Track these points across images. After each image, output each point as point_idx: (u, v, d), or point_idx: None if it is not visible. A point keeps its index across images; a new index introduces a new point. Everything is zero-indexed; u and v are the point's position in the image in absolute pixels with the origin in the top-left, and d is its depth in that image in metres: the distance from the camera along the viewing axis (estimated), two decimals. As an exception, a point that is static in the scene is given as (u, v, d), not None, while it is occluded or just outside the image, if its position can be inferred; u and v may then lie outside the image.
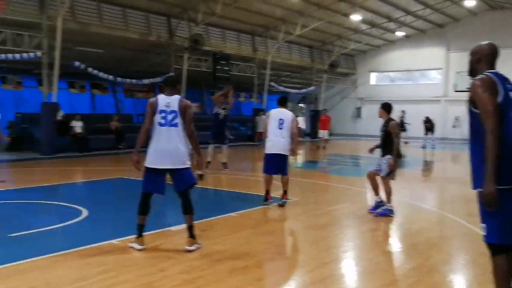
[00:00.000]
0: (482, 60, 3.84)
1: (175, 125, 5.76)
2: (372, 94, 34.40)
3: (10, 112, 20.39)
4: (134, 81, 21.53)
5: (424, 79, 34.16)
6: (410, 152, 20.86)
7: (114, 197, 10.25)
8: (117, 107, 25.64)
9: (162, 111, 5.74)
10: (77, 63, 18.26)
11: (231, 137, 15.85)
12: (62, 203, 8.59)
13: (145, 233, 6.52)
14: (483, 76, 3.60)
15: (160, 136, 5.75)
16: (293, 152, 8.75)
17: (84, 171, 14.55)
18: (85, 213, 7.69)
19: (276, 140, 8.43)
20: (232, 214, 7.88)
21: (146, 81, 21.90)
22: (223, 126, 13.52)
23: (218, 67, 23.17)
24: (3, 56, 15.94)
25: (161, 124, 5.74)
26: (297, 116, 33.20)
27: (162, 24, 21.44)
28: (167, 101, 5.77)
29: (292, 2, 22.36)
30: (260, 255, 5.75)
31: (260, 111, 25.66)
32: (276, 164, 8.51)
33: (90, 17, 18.58)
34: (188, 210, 6.01)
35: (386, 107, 8.24)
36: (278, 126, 8.44)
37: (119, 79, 20.82)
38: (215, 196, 10.41)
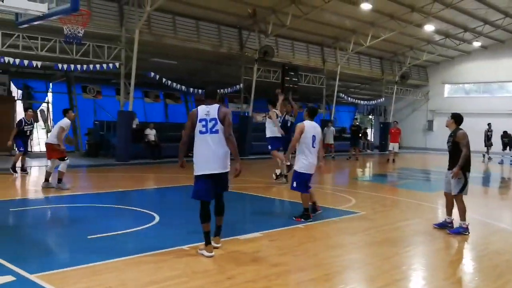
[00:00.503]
0: None
1: (216, 131, 6.01)
2: (445, 106, 33.11)
3: (89, 120, 21.56)
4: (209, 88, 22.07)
5: (502, 91, 32.48)
6: (485, 168, 19.90)
7: (184, 204, 10.49)
8: (189, 116, 26.37)
9: (202, 120, 6.05)
10: (152, 74, 19.02)
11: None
12: (135, 208, 8.94)
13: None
14: None
15: (203, 143, 6.06)
16: (320, 169, 8.52)
17: (157, 177, 15.06)
18: (157, 218, 7.95)
19: (313, 160, 8.15)
20: (299, 225, 7.85)
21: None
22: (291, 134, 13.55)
23: (287, 78, 23.28)
24: (84, 66, 16.94)
25: (201, 132, 6.05)
26: (365, 128, 32.78)
27: (233, 36, 21.89)
28: (207, 110, 6.08)
29: (363, 13, 22.09)
30: (328, 268, 5.69)
31: (328, 122, 25.46)
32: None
33: (165, 29, 19.33)
34: (221, 212, 6.45)
35: (457, 117, 7.87)
36: (312, 144, 8.13)
37: (191, 89, 21.45)
38: (282, 207, 10.43)
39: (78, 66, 16.98)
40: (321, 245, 6.77)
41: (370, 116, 37.01)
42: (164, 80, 19.59)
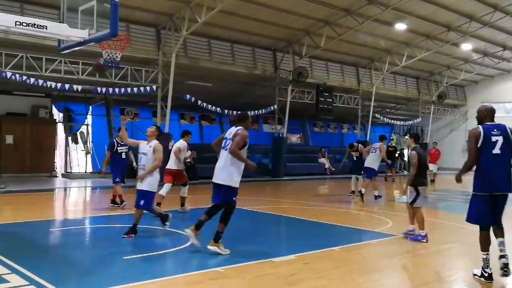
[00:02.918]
0: None
1: (226, 148, 7.07)
2: (485, 126, 32.29)
3: (127, 142, 21.96)
4: (239, 112, 22.25)
5: (544, 110, 31.49)
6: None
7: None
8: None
9: (225, 138, 7.21)
10: (188, 96, 19.33)
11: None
12: (170, 229, 8.99)
13: (249, 263, 6.63)
14: None
15: (219, 157, 7.24)
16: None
17: (192, 198, 15.14)
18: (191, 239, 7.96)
19: None
20: (335, 248, 7.73)
21: (250, 113, 22.53)
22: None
23: (321, 98, 23.27)
24: (123, 90, 17.38)
25: (222, 148, 7.22)
26: (402, 148, 32.18)
27: (267, 58, 22.08)
28: (230, 131, 7.23)
29: (398, 33, 21.95)
30: (365, 293, 5.57)
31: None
32: None
33: (200, 52, 19.70)
34: (223, 220, 7.23)
35: (414, 137, 8.91)
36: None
37: (225, 111, 21.66)
38: (316, 229, 10.29)
39: (117, 90, 17.44)
40: (358, 269, 6.64)
41: (407, 137, 36.39)
42: (199, 102, 19.87)
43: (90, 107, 22.18)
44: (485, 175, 5.95)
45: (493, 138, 5.88)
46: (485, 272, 6.02)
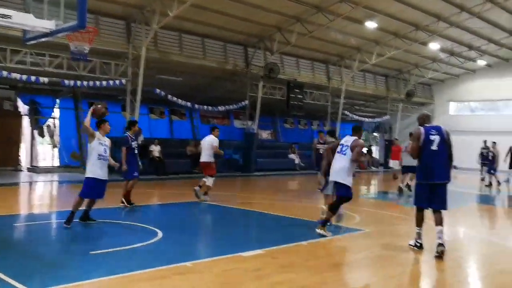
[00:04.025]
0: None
1: (345, 153, 8.15)
2: (450, 124, 32.82)
3: (95, 136, 21.59)
4: (210, 108, 22.21)
5: (507, 109, 32.41)
6: (479, 185, 19.76)
7: (188, 220, 10.50)
8: (194, 132, 26.44)
9: (341, 145, 8.31)
10: (157, 90, 19.15)
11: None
12: (138, 224, 8.92)
13: (217, 257, 6.64)
14: None
15: (336, 159, 8.32)
16: None
17: (161, 194, 15.06)
18: (160, 234, 7.93)
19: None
20: (303, 243, 7.81)
21: (221, 108, 22.53)
22: None
23: (292, 95, 23.38)
24: (91, 83, 17.08)
25: (338, 152, 8.33)
26: (370, 145, 32.73)
27: (238, 53, 22.06)
28: (346, 139, 8.33)
29: (368, 31, 22.23)
30: (332, 286, 5.64)
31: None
32: None
33: (171, 46, 19.52)
34: (332, 209, 8.22)
35: (329, 132, 10.30)
36: None
37: (196, 105, 21.56)
38: (285, 224, 10.37)
39: (85, 83, 17.13)
40: (325, 263, 6.72)
41: (375, 134, 36.97)
42: (169, 96, 19.72)
43: (58, 100, 21.71)
44: (425, 167, 7.18)
45: (431, 137, 7.14)
46: (418, 243, 7.46)
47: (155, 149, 19.59)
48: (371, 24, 20.92)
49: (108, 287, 5.22)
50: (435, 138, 7.15)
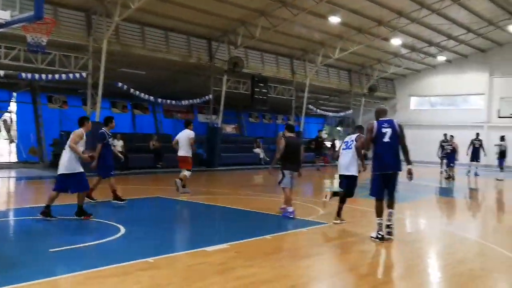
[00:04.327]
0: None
1: (351, 147, 8.89)
2: (411, 118, 33.78)
3: (55, 130, 21.09)
4: (173, 102, 21.96)
5: (466, 104, 33.39)
6: (439, 178, 20.31)
7: (151, 215, 10.37)
8: (157, 127, 26.13)
9: (346, 142, 9.09)
10: (119, 84, 18.79)
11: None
12: (100, 220, 8.75)
13: (180, 253, 6.58)
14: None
15: (342, 155, 9.10)
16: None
17: (123, 189, 14.77)
18: (122, 230, 7.80)
19: None
20: (267, 237, 7.82)
21: (185, 102, 22.30)
22: None
23: (256, 89, 23.38)
24: (50, 76, 16.60)
25: (344, 149, 9.08)
26: (334, 139, 33.20)
27: (202, 47, 21.86)
28: (351, 137, 9.12)
29: (331, 26, 22.42)
30: (295, 279, 5.66)
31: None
32: None
33: (133, 39, 19.17)
34: (343, 201, 9.10)
35: (288, 127, 10.21)
36: None
37: (159, 100, 21.28)
38: (250, 218, 10.37)
39: (43, 76, 16.62)
40: (288, 256, 6.75)
41: (339, 128, 37.43)
42: (132, 90, 19.39)
43: (14, 93, 21.03)
44: (379, 159, 7.68)
45: (384, 130, 7.62)
46: (379, 234, 7.61)
47: (118, 144, 19.23)
48: (334, 19, 21.09)
49: (68, 285, 5.08)
50: (387, 131, 7.61)
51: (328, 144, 31.16)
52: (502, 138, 21.94)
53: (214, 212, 10.91)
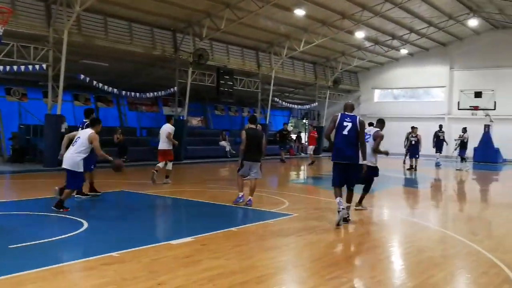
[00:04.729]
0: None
1: (368, 141, 9.37)
2: (375, 111, 34.34)
3: (14, 124, 20.49)
4: (138, 94, 21.64)
5: (427, 96, 34.19)
6: (402, 169, 20.80)
7: (115, 209, 10.24)
8: (121, 120, 25.72)
9: (366, 134, 9.10)
10: (82, 76, 18.38)
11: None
12: (62, 215, 8.57)
13: (145, 246, 6.53)
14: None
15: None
16: None
17: (86, 183, 14.51)
18: (85, 225, 7.67)
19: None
20: (233, 229, 7.84)
21: (150, 94, 22.01)
22: None
23: (222, 81, 23.28)
24: (8, 68, 16.07)
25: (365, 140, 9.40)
26: (299, 131, 33.46)
27: (167, 38, 21.59)
28: (369, 129, 9.72)
29: (296, 19, 22.51)
30: (261, 270, 5.70)
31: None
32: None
33: (95, 30, 18.75)
34: (367, 189, 9.99)
35: (250, 119, 10.55)
36: None
37: (123, 92, 20.92)
38: (215, 211, 10.37)
39: (1, 67, 16.07)
40: (254, 248, 6.79)
41: (304, 120, 37.72)
42: (95, 82, 18.99)
43: (-30, 86, 20.32)
44: (336, 149, 8.35)
45: (345, 124, 8.26)
46: (340, 209, 8.32)
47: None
48: (299, 12, 21.18)
49: (29, 282, 4.96)
50: (348, 125, 8.24)
51: (293, 136, 31.43)
52: (465, 130, 22.59)
53: (180, 206, 10.85)
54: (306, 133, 37.11)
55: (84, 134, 9.13)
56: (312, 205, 10.78)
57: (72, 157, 8.92)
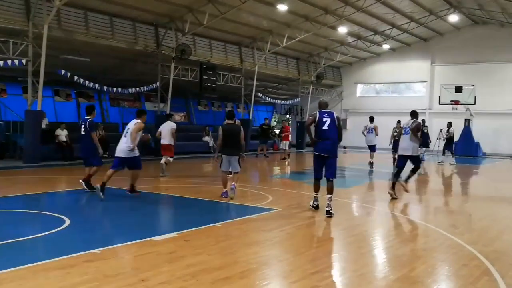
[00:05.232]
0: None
1: (408, 132, 11.00)
2: (357, 106, 34.67)
3: (-7, 120, 20.18)
4: (120, 90, 21.42)
5: (409, 91, 34.52)
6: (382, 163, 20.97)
7: (98, 206, 10.12)
8: (103, 116, 25.47)
9: (404, 128, 11.29)
10: (62, 71, 18.14)
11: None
12: (44, 212, 8.48)
13: (128, 243, 6.49)
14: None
15: (403, 139, 11.26)
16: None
17: (68, 180, 14.39)
18: (67, 222, 7.59)
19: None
20: (216, 224, 7.84)
21: (132, 90, 21.81)
22: None
23: (204, 77, 23.17)
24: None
25: (403, 133, 11.24)
26: (282, 127, 33.55)
27: (149, 33, 21.41)
28: (407, 122, 11.17)
29: (279, 14, 22.50)
30: (244, 265, 5.70)
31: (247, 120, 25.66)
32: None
33: (76, 25, 18.50)
34: (414, 172, 11.74)
35: (227, 114, 11.18)
36: None
37: (105, 87, 20.71)
38: (198, 206, 10.35)
39: (-21, 63, 15.79)
40: (238, 243, 6.79)
41: (287, 116, 37.78)
42: (76, 78, 18.75)
43: None
44: (318, 142, 9.01)
45: (324, 119, 8.95)
46: (314, 204, 9.29)
47: (62, 134, 18.65)
48: (282, 7, 21.17)
49: (7, 281, 4.89)
50: (327, 120, 8.94)
51: (277, 131, 31.46)
52: (450, 125, 22.87)
53: (163, 202, 10.80)
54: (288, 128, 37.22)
55: (132, 125, 10.49)
56: (295, 200, 10.81)
57: (127, 146, 10.34)
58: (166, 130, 14.39)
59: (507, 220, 9.51)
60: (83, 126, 11.12)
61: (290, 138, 24.70)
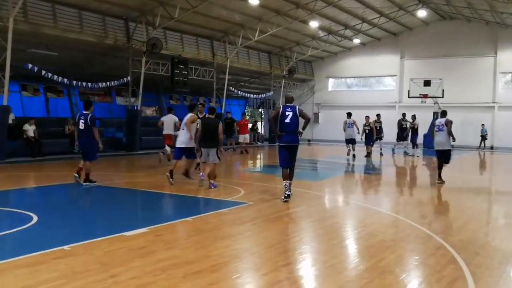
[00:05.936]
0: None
1: (443, 130, 12.74)
2: (329, 99, 34.97)
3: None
4: (90, 84, 21.07)
5: (379, 85, 35.00)
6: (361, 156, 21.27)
7: (66, 202, 9.99)
8: (72, 111, 25.00)
9: (437, 125, 12.94)
10: (29, 66, 17.73)
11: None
12: (11, 209, 8.31)
13: (98, 239, 6.43)
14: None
15: (437, 135, 13.00)
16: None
17: (36, 176, 14.13)
18: (35, 219, 7.46)
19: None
20: (188, 219, 7.82)
21: (102, 84, 21.46)
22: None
23: (176, 71, 23.00)
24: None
25: (437, 131, 12.96)
26: (255, 121, 33.50)
27: (119, 27, 21.11)
28: (440, 120, 12.89)
29: (251, 8, 22.47)
30: (216, 259, 5.71)
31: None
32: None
33: (43, 18, 18.09)
34: (447, 162, 13.38)
35: (208, 109, 11.92)
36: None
37: (74, 82, 20.34)
38: (170, 201, 10.31)
39: None
40: (209, 237, 6.79)
41: (260, 110, 37.83)
42: (44, 72, 18.36)
43: None
44: (282, 134, 9.64)
45: (287, 113, 9.59)
46: (285, 194, 9.57)
47: (30, 129, 18.25)
48: (254, 1, 21.14)
49: (-26, 278, 4.79)
50: (289, 114, 9.58)
51: (249, 125, 31.42)
52: (414, 117, 23.27)
53: (134, 197, 10.70)
54: (262, 122, 37.28)
55: (185, 119, 11.81)
56: (267, 193, 10.86)
57: (186, 138, 11.69)
58: (169, 121, 15.31)
59: (472, 210, 9.77)
60: (82, 121, 11.24)
61: (249, 131, 25.09)
